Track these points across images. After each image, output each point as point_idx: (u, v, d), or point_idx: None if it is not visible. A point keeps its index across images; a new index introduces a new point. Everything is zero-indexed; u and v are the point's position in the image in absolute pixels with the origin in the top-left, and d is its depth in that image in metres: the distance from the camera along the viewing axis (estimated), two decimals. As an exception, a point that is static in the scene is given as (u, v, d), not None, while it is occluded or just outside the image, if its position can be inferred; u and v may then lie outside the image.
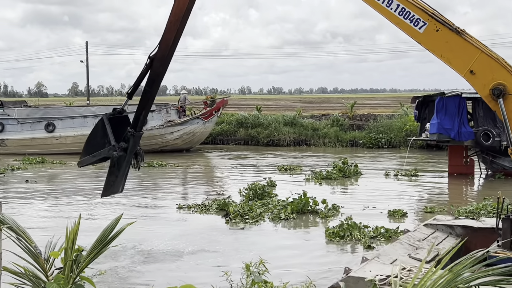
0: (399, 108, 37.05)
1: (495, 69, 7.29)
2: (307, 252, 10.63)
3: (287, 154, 29.66)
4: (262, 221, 13.22)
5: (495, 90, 7.22)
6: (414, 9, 7.46)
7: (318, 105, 58.45)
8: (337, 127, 34.02)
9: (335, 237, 11.40)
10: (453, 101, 18.81)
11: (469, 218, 9.87)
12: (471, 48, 7.33)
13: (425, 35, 7.45)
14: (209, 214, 14.14)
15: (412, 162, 25.00)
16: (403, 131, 31.45)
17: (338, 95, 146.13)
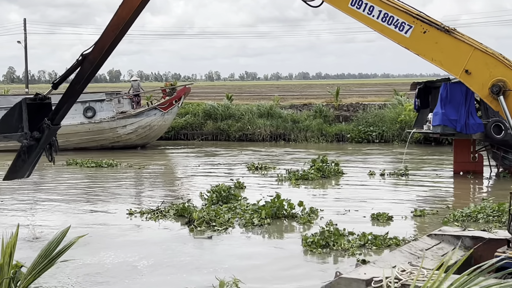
0: (392, 97, 37.38)
1: (491, 65, 7.61)
2: (285, 265, 10.69)
3: (262, 151, 29.76)
4: (232, 228, 13.28)
5: (494, 87, 7.54)
6: (398, 12, 7.88)
7: (298, 93, 58.66)
8: (321, 119, 34.21)
9: (316, 247, 11.49)
10: (459, 88, 18.71)
11: (479, 229, 10.03)
12: (463, 46, 7.68)
13: (412, 39, 7.86)
14: (166, 220, 14.17)
15: (407, 159, 25.26)
16: (397, 123, 31.79)
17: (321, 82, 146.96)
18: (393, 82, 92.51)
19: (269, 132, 34.38)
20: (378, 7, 8.00)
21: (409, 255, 8.51)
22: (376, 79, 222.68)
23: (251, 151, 29.54)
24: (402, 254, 8.49)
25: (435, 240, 9.55)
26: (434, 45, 7.85)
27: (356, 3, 8.10)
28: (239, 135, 34.76)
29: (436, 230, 10.08)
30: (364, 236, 11.84)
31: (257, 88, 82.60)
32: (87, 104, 30.62)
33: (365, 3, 8.08)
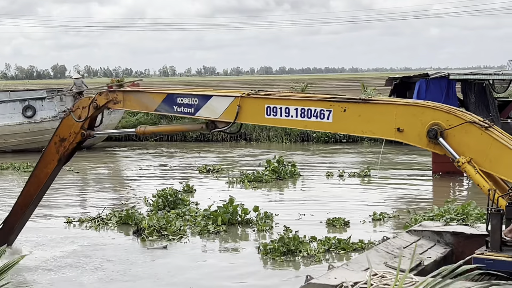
0: (361, 92, 37.59)
1: (418, 114, 8.20)
2: (248, 274, 10.71)
3: (221, 152, 29.58)
4: (186, 237, 13.19)
5: (430, 133, 8.08)
6: (312, 103, 8.58)
7: (260, 89, 58.56)
8: (285, 117, 34.11)
9: (277, 255, 11.46)
10: (438, 84, 18.92)
11: (461, 224, 10.10)
12: (385, 107, 8.32)
13: (336, 122, 8.50)
14: (108, 229, 13.96)
15: (380, 160, 25.35)
16: (366, 121, 31.84)
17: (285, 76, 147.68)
18: (362, 77, 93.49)
19: (228, 132, 34.10)
20: (292, 106, 8.69)
21: (386, 254, 8.51)
22: (344, 73, 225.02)
23: (208, 152, 29.35)
24: (378, 253, 8.49)
25: (415, 236, 9.58)
26: (359, 119, 8.40)
27: (271, 112, 8.85)
28: (197, 135, 34.51)
29: (416, 225, 10.15)
30: (328, 240, 11.93)
31: (216, 84, 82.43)
32: (27, 103, 30.07)
33: (279, 108, 8.80)
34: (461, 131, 8.06)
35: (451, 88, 19.10)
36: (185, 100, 9.66)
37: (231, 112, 9.23)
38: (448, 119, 8.10)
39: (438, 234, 9.56)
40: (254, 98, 9.12)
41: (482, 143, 8.00)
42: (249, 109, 9.15)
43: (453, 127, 8.03)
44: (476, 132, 8.03)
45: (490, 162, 7.82)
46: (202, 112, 9.53)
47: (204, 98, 9.51)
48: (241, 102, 9.16)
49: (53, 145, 11.17)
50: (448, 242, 9.45)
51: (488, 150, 7.93)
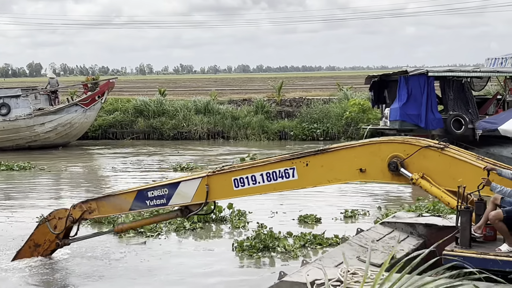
0: (337, 91, 37.73)
1: (376, 150, 8.63)
2: (227, 271, 10.77)
3: (198, 150, 29.56)
4: (162, 234, 13.26)
5: (391, 166, 8.48)
6: (276, 165, 9.03)
7: (238, 87, 58.64)
8: (262, 115, 34.24)
9: (254, 251, 11.56)
10: (418, 81, 19.01)
11: (434, 215, 10.24)
12: (343, 152, 8.77)
13: (301, 177, 8.91)
14: (81, 228, 13.80)
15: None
16: (343, 119, 32.07)
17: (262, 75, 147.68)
18: (339, 75, 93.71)
19: (206, 130, 34.19)
20: (257, 173, 9.09)
21: (359, 247, 8.64)
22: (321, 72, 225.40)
23: (186, 150, 29.30)
24: (351, 247, 8.63)
25: (388, 228, 9.72)
26: (322, 169, 8.83)
27: (239, 183, 9.24)
28: (174, 134, 34.44)
29: (389, 217, 10.31)
30: (304, 236, 12.08)
31: (193, 82, 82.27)
32: (1, 101, 29.86)
33: (246, 177, 9.18)
34: (419, 157, 8.43)
35: (430, 85, 19.24)
36: (156, 193, 9.99)
37: (201, 193, 9.60)
38: (405, 149, 8.49)
39: (411, 226, 9.74)
40: (220, 174, 9.49)
41: (441, 164, 8.36)
42: (218, 186, 9.51)
43: (411, 155, 8.41)
44: (434, 154, 8.41)
45: (453, 180, 8.05)
46: (174, 200, 9.88)
47: (173, 186, 9.87)
48: (209, 181, 9.52)
49: (27, 248, 11.24)
50: (420, 233, 9.60)
51: (449, 169, 8.24)
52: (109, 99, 36.98)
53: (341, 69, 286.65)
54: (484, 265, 7.22)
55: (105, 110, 35.61)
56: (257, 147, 30.06)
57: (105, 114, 35.41)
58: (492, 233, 7.83)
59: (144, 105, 35.43)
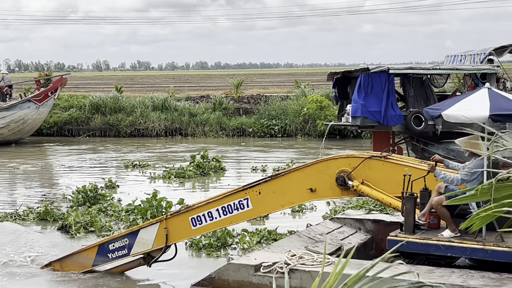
0: (295, 88, 38.04)
1: (323, 168, 9.01)
2: (185, 272, 10.82)
3: (155, 147, 29.57)
4: (114, 232, 13.25)
5: (338, 181, 8.88)
6: (229, 198, 9.35)
7: (196, 84, 58.59)
8: (220, 112, 34.39)
9: (213, 250, 11.74)
10: (379, 78, 19.31)
11: (383, 212, 10.58)
12: (293, 175, 9.15)
13: (256, 207, 9.21)
14: (27, 227, 13.82)
15: (312, 153, 25.81)
16: (300, 116, 32.40)
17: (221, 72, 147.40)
18: (297, 72, 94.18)
19: (163, 127, 34.19)
20: (213, 209, 9.40)
21: (308, 239, 8.97)
22: (279, 69, 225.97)
23: (143, 148, 29.28)
24: (300, 238, 8.95)
25: (337, 223, 10.07)
26: (274, 195, 9.15)
27: (197, 222, 9.52)
28: (131, 131, 34.36)
29: (339, 214, 10.66)
30: (259, 232, 12.32)
31: (150, 78, 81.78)
32: (-47, 97, 29.37)
33: (202, 214, 9.46)
34: (364, 169, 8.90)
35: (391, 82, 19.59)
36: (117, 244, 10.21)
37: (161, 238, 9.84)
38: (350, 162, 8.94)
39: (360, 222, 10.12)
40: (177, 216, 9.78)
41: (387, 172, 8.81)
42: (176, 228, 9.77)
43: (356, 168, 8.86)
44: (378, 164, 8.88)
45: (400, 185, 8.42)
46: (135, 248, 10.10)
47: (132, 235, 10.09)
48: (167, 224, 9.78)
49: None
50: (369, 229, 9.98)
51: (395, 176, 8.64)
52: (65, 96, 36.70)
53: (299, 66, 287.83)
54: (427, 250, 7.56)
55: (60, 107, 35.33)
56: (215, 144, 30.19)
57: (60, 111, 35.13)
58: (436, 221, 8.21)
59: (100, 102, 35.24)
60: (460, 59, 23.21)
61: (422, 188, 8.31)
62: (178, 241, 10.14)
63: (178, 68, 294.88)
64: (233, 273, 7.82)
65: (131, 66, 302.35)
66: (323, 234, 9.52)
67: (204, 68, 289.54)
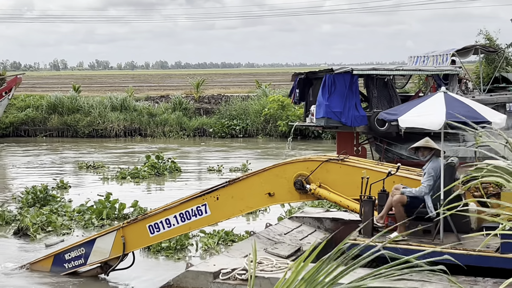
0: (256, 88, 38.06)
1: (280, 173, 9.06)
2: (144, 275, 10.72)
3: (113, 148, 29.32)
4: (73, 232, 13.30)
5: (296, 185, 8.96)
6: (187, 205, 9.33)
7: (156, 83, 58.22)
8: (180, 112, 34.23)
9: (171, 252, 11.64)
10: (343, 79, 19.48)
11: (341, 210, 10.63)
12: (250, 180, 9.18)
13: (214, 212, 9.24)
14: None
15: (273, 153, 25.82)
16: (261, 116, 32.41)
17: (181, 71, 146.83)
18: (258, 72, 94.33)
19: (122, 127, 33.91)
20: (171, 216, 9.36)
21: (267, 240, 8.96)
22: (240, 68, 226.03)
23: (100, 148, 28.97)
24: (259, 240, 8.93)
25: (296, 222, 10.10)
26: (233, 200, 9.19)
27: (155, 229, 9.47)
28: (89, 131, 33.98)
29: (298, 212, 10.69)
30: (216, 233, 12.33)
31: (109, 78, 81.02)
32: None
33: (160, 221, 9.42)
34: (322, 172, 8.96)
35: (354, 83, 19.78)
36: (73, 254, 10.08)
37: (118, 246, 9.75)
38: (307, 166, 8.99)
39: (318, 220, 10.17)
40: (134, 224, 9.71)
41: (345, 174, 8.92)
42: (134, 236, 9.70)
43: (314, 171, 8.91)
44: (335, 167, 8.98)
45: (358, 188, 8.51)
46: (92, 258, 10.00)
47: (89, 244, 10.01)
48: (124, 232, 9.71)
49: None
50: (327, 228, 10.04)
51: (353, 179, 8.74)
52: (21, 96, 36.13)
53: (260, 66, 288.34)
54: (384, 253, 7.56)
55: (16, 107, 34.78)
56: (175, 144, 30.03)
57: (16, 111, 34.58)
58: (394, 223, 8.25)
59: (58, 102, 34.78)
60: (423, 60, 23.50)
61: (380, 190, 8.38)
62: (136, 249, 10.08)
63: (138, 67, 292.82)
64: (191, 281, 7.76)
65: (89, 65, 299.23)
66: (282, 234, 9.53)
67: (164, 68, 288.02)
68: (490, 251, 7.84)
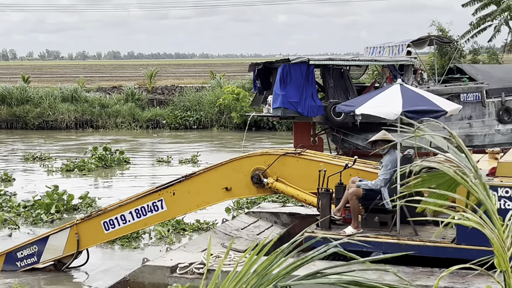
0: (210, 78, 37.92)
1: (237, 167, 9.07)
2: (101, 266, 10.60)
3: (63, 139, 28.92)
4: (19, 228, 13.04)
5: (254, 179, 8.92)
6: (143, 200, 9.21)
7: (108, 74, 57.53)
8: (133, 103, 33.91)
9: (126, 241, 11.51)
10: (299, 69, 19.61)
11: (298, 205, 10.66)
12: (207, 174, 9.15)
13: (170, 207, 9.13)
14: None
15: (228, 145, 25.76)
16: (216, 107, 32.30)
17: (134, 62, 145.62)
18: (212, 63, 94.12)
19: (73, 119, 33.45)
20: (126, 212, 9.23)
21: (224, 235, 8.98)
22: (194, 59, 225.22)
23: (50, 140, 28.53)
24: (216, 235, 8.96)
25: (253, 218, 10.13)
26: (189, 195, 9.13)
27: (109, 226, 9.34)
28: (39, 122, 33.41)
29: (255, 207, 10.74)
30: (167, 222, 12.12)
31: (60, 68, 79.84)
32: None
33: (115, 218, 9.29)
34: (279, 166, 8.97)
35: (311, 73, 19.93)
36: (25, 252, 9.82)
37: (72, 243, 9.56)
38: (265, 160, 8.99)
39: (275, 215, 10.21)
40: (88, 220, 9.56)
41: (301, 168, 8.91)
42: (88, 233, 9.54)
43: (271, 165, 8.90)
44: (292, 160, 8.97)
45: (315, 181, 8.51)
46: (45, 255, 9.77)
47: (42, 242, 9.77)
48: (78, 229, 9.53)
49: None
50: (284, 222, 10.08)
51: (310, 172, 8.76)
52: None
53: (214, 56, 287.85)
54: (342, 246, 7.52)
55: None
56: (128, 136, 29.73)
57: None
58: (351, 216, 8.26)
59: (6, 93, 34.09)
60: (379, 50, 23.73)
61: (337, 183, 8.39)
62: (90, 246, 9.90)
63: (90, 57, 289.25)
64: (148, 275, 7.71)
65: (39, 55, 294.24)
66: (239, 229, 9.52)
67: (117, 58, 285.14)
68: (446, 242, 7.93)
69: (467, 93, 21.25)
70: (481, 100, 21.37)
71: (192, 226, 12.28)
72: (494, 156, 8.60)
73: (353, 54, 25.40)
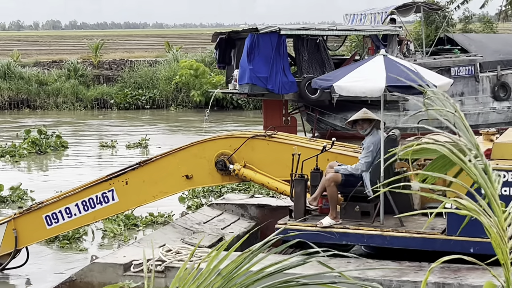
0: (166, 51, 37.79)
1: (200, 152, 9.04)
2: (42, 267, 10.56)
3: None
4: None
5: (218, 165, 8.91)
6: (91, 191, 9.08)
7: (47, 46, 56.97)
8: (76, 80, 33.68)
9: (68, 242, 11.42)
10: (269, 40, 19.48)
11: (268, 196, 10.69)
12: (164, 161, 9.05)
13: (123, 199, 9.03)
14: None
15: (187, 127, 25.71)
16: (172, 85, 32.21)
17: (77, 32, 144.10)
18: (168, 33, 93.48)
19: (7, 98, 33.22)
20: (72, 204, 9.08)
21: (184, 230, 8.99)
22: (147, 29, 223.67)
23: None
24: (175, 229, 8.96)
25: (217, 210, 10.14)
26: (144, 185, 9.05)
27: (52, 220, 9.15)
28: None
29: (219, 199, 10.73)
30: (116, 217, 12.03)
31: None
32: None
33: (59, 211, 9.10)
34: (247, 150, 8.96)
35: (282, 44, 19.76)
36: None
37: (9, 241, 9.33)
38: (230, 144, 8.99)
39: (242, 207, 10.22)
40: (27, 214, 9.36)
41: (272, 153, 8.94)
42: (28, 228, 9.34)
43: (238, 149, 8.89)
44: (262, 144, 9.01)
45: (289, 167, 8.52)
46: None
47: None
48: (16, 225, 9.31)
49: None
50: (253, 215, 10.10)
51: (282, 157, 8.76)
52: None
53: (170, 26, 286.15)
54: (318, 239, 7.57)
55: None
56: (70, 117, 29.56)
57: None
58: (328, 205, 8.29)
59: None
60: (360, 18, 23.75)
61: (313, 168, 8.40)
62: (31, 244, 9.77)
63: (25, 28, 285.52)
64: (98, 274, 7.69)
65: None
66: (201, 223, 9.53)
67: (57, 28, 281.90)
68: (435, 233, 8.02)
69: (459, 67, 21.43)
70: (474, 75, 21.58)
71: (145, 220, 12.25)
72: (489, 137, 8.69)
73: (329, 23, 25.51)
